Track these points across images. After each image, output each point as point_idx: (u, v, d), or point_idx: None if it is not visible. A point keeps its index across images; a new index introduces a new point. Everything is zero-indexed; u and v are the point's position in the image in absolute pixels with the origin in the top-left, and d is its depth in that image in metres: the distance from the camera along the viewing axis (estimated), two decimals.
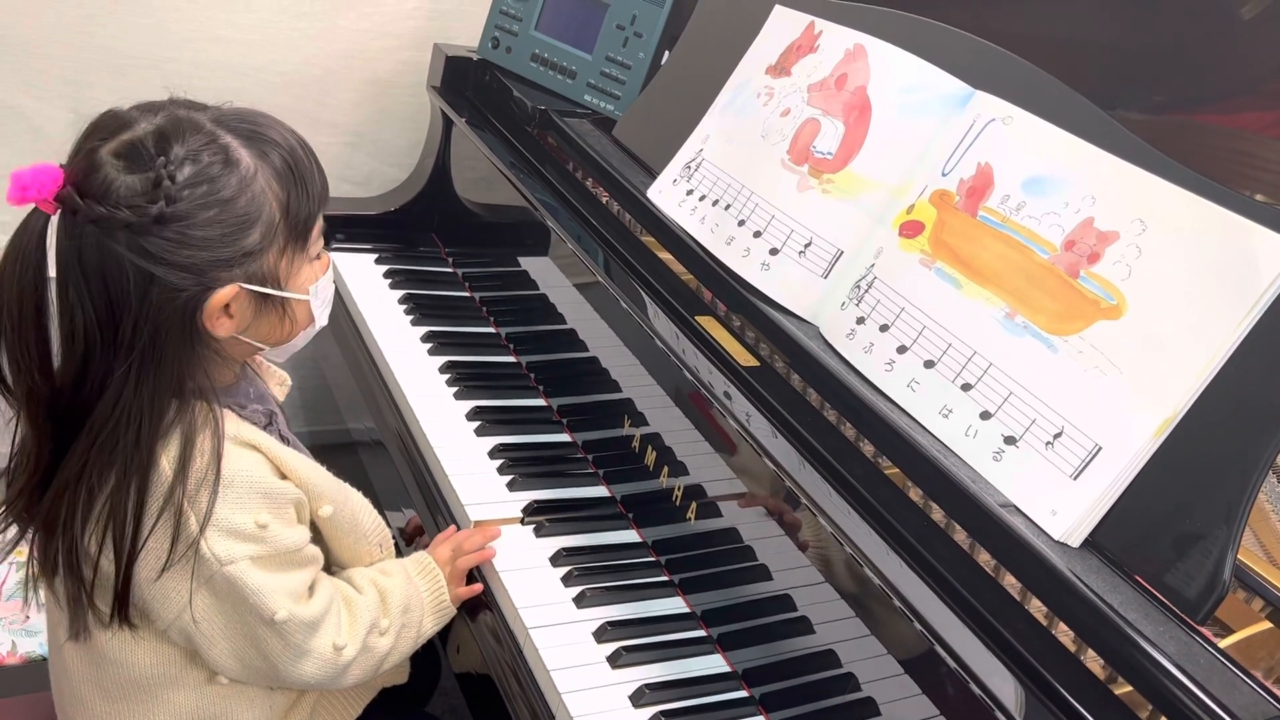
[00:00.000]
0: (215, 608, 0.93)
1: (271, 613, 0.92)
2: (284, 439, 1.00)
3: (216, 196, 0.86)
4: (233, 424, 0.93)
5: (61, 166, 0.86)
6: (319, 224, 0.96)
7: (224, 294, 0.88)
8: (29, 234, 0.85)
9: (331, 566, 1.07)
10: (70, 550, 0.90)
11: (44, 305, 0.86)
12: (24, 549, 0.97)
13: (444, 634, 1.15)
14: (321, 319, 1.00)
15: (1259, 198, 1.26)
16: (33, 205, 0.85)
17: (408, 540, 1.30)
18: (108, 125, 0.87)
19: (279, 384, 1.15)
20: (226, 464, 0.90)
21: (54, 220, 0.84)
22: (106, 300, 0.84)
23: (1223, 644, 0.82)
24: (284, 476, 0.96)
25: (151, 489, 0.88)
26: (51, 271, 0.85)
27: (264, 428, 0.97)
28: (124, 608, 0.92)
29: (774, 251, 1.13)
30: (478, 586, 1.12)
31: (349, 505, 1.03)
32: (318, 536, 1.02)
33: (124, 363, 0.85)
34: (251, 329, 0.93)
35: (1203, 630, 0.78)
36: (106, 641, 0.96)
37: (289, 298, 0.94)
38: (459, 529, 1.18)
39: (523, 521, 1.19)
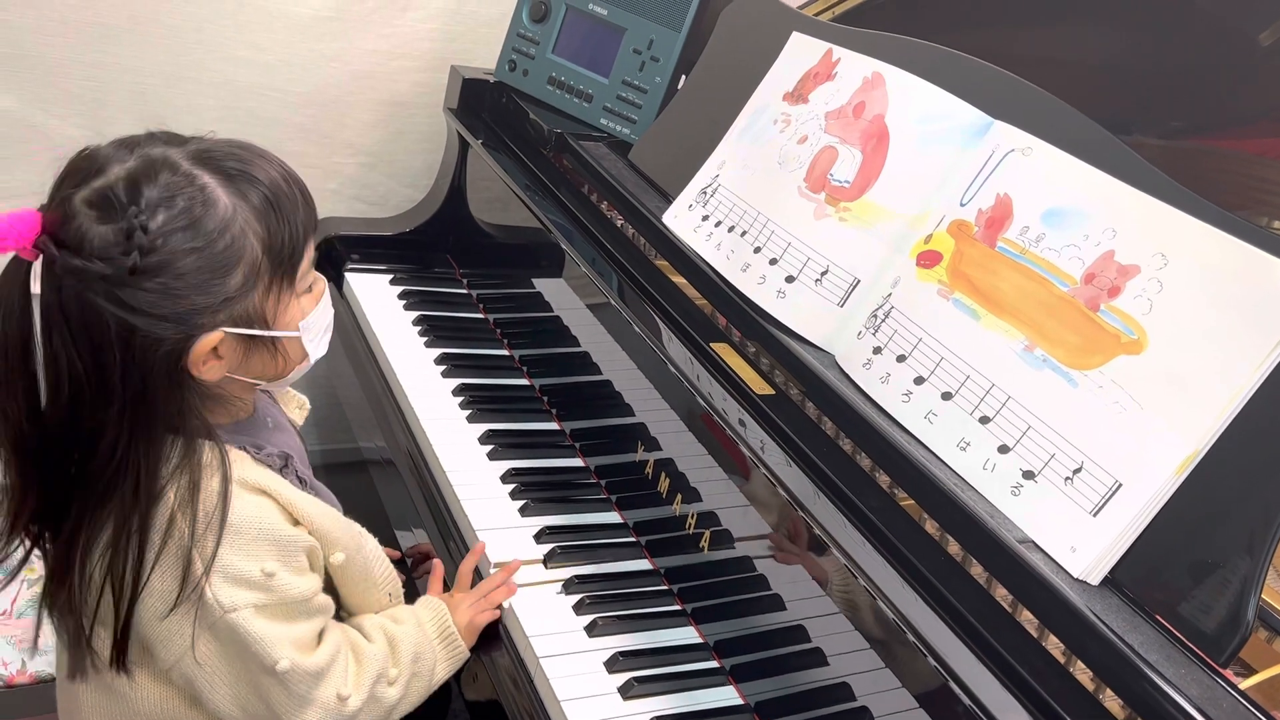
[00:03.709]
0: (219, 653, 0.92)
1: (274, 662, 0.90)
2: (301, 481, 0.99)
3: (192, 244, 0.83)
4: (246, 467, 0.92)
5: (40, 210, 0.84)
6: (308, 257, 0.93)
7: (209, 340, 0.86)
8: (12, 279, 0.84)
9: (340, 613, 1.06)
10: (71, 596, 0.89)
11: (30, 352, 0.84)
12: (35, 565, 0.97)
13: None
14: (316, 352, 0.97)
15: (1278, 225, 1.26)
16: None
17: (414, 565, 1.29)
18: (81, 169, 0.85)
19: (298, 407, 1.14)
20: (235, 510, 0.88)
21: (36, 266, 0.82)
22: (91, 350, 0.83)
23: (1244, 685, 0.81)
24: (296, 522, 0.94)
25: (153, 532, 0.87)
26: (37, 318, 0.83)
27: (280, 470, 0.96)
28: (122, 655, 0.91)
29: (790, 279, 1.12)
30: (494, 613, 1.12)
31: (362, 552, 1.02)
32: (328, 582, 1.01)
33: (117, 410, 0.84)
34: (243, 368, 0.91)
35: (1225, 672, 0.77)
36: (116, 677, 0.95)
37: (278, 336, 0.92)
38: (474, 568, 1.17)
39: (547, 575, 1.17)
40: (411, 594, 1.16)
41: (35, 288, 0.82)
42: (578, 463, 1.34)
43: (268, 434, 0.99)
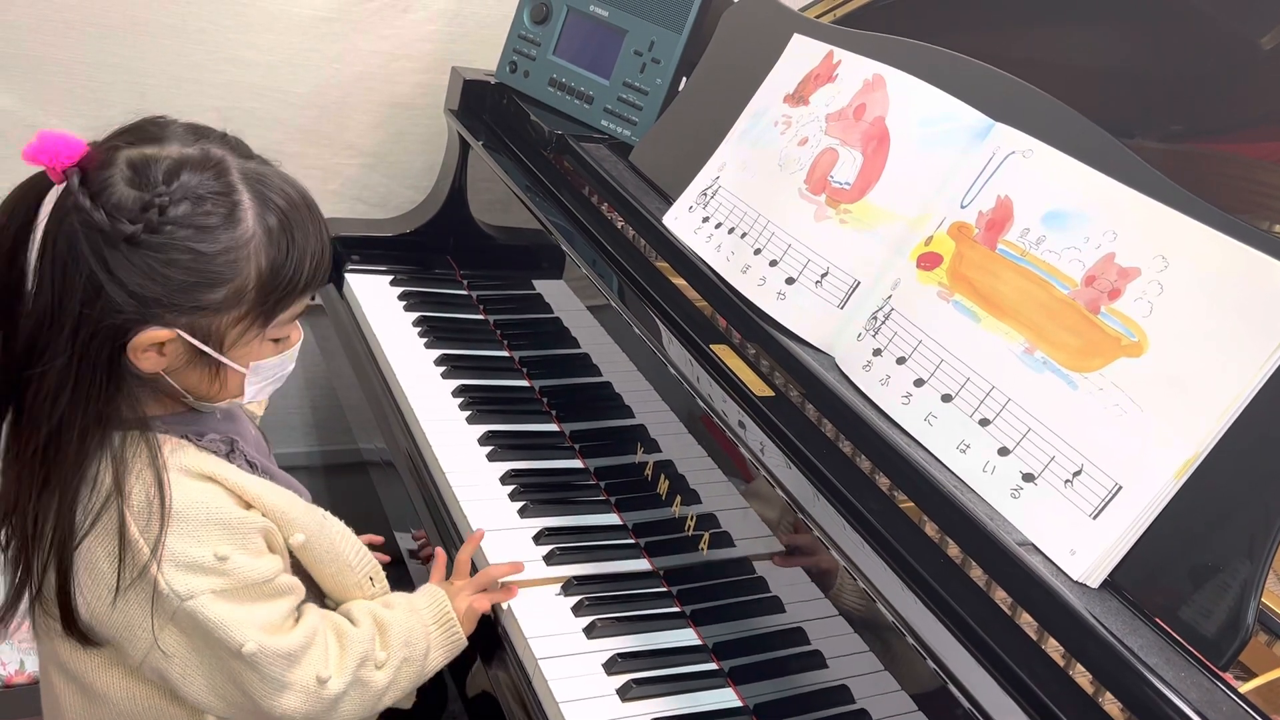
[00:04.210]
0: (185, 644, 0.92)
1: (239, 645, 0.90)
2: (251, 464, 0.98)
3: (196, 245, 0.85)
4: (188, 456, 0.92)
5: (89, 145, 0.86)
6: (294, 309, 0.94)
7: (159, 334, 0.86)
8: (29, 192, 0.86)
9: (326, 601, 1.06)
10: (23, 542, 0.90)
11: (17, 262, 0.86)
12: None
13: (455, 662, 1.14)
14: (253, 395, 0.97)
15: (1278, 229, 1.26)
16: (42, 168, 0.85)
17: (422, 560, 1.29)
18: (145, 131, 0.88)
19: None
20: (180, 497, 0.88)
21: (55, 190, 0.85)
22: (61, 288, 0.84)
23: (1244, 688, 0.80)
24: (249, 506, 0.94)
25: (89, 502, 0.87)
26: (38, 235, 0.85)
27: (225, 455, 0.96)
28: (69, 617, 0.91)
29: (790, 281, 1.12)
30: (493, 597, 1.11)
31: (326, 534, 1.01)
32: (299, 567, 1.00)
33: (63, 358, 0.85)
34: (178, 374, 0.91)
35: (1225, 675, 0.77)
36: (92, 676, 0.95)
37: (224, 364, 0.91)
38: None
39: (546, 576, 1.16)
40: (413, 586, 1.16)
41: (46, 209, 0.84)
42: (577, 464, 1.34)
43: (213, 422, 0.98)
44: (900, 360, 1.00)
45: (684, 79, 1.48)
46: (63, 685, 0.98)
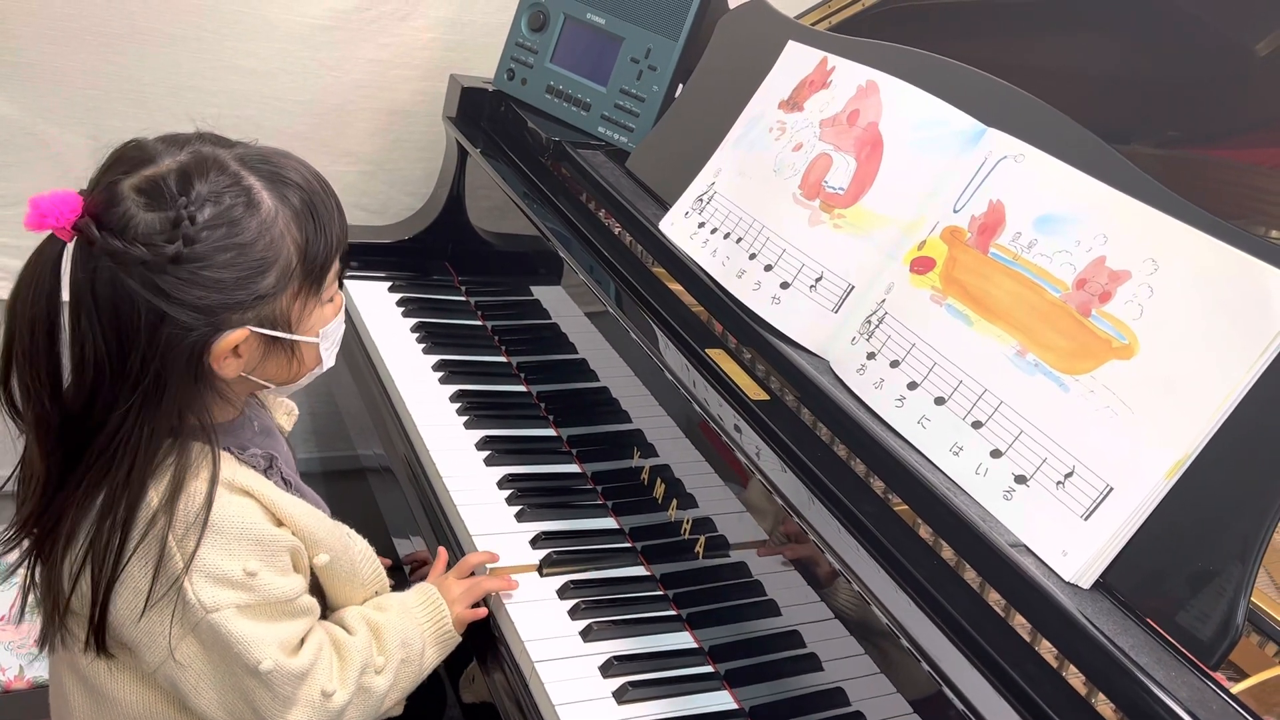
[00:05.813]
0: (202, 656, 0.92)
1: (256, 662, 0.90)
2: (286, 482, 0.99)
3: (234, 240, 0.85)
4: (230, 468, 0.92)
5: (80, 194, 0.86)
6: (335, 267, 0.95)
7: (233, 337, 0.87)
8: (44, 260, 0.85)
9: (325, 610, 1.06)
10: (53, 569, 0.90)
11: (56, 332, 0.86)
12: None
13: (452, 665, 1.14)
14: (329, 361, 0.99)
15: (1274, 234, 1.26)
16: (49, 232, 0.85)
17: (411, 571, 1.29)
18: (131, 157, 0.87)
19: (285, 413, 1.14)
20: (218, 510, 0.89)
21: (69, 248, 0.84)
22: (117, 333, 0.84)
23: (1235, 689, 0.81)
24: (280, 523, 0.94)
25: (136, 523, 0.88)
26: (65, 299, 0.84)
27: (264, 471, 0.97)
28: (100, 636, 0.91)
29: (785, 285, 1.13)
30: (482, 611, 1.11)
31: (348, 553, 1.02)
32: (313, 583, 1.01)
33: (130, 396, 0.85)
34: (259, 369, 0.93)
35: (1215, 675, 0.77)
36: (104, 679, 0.96)
37: (298, 341, 0.93)
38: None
39: (540, 573, 1.17)
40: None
41: (66, 269, 0.84)
42: (574, 468, 1.35)
43: (252, 436, 0.99)
44: (894, 364, 1.01)
45: (680, 86, 1.49)
46: (73, 686, 0.99)
